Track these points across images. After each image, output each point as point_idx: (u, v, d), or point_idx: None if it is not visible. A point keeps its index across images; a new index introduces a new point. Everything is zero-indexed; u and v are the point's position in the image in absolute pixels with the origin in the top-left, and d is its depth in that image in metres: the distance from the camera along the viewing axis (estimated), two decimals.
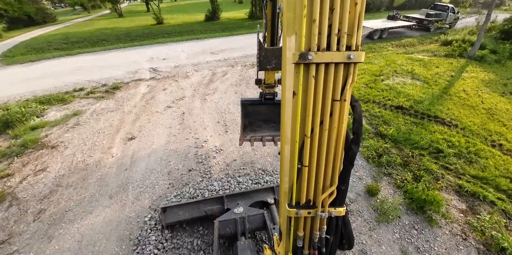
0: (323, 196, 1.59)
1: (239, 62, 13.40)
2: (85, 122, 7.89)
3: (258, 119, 4.09)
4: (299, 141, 1.48)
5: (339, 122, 1.44)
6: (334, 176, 1.58)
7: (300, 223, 1.71)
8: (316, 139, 1.46)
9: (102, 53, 15.83)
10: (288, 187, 1.65)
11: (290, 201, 1.67)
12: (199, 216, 4.07)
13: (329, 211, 1.63)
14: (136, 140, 6.79)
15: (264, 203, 4.24)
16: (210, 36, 19.25)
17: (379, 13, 28.77)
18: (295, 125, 1.44)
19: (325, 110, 1.40)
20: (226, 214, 3.78)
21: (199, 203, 4.18)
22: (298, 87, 1.35)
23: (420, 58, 13.56)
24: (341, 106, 1.39)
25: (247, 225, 3.56)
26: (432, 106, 8.27)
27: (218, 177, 5.43)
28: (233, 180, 5.28)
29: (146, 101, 9.14)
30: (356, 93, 8.98)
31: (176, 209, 4.11)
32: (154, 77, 11.64)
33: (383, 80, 10.17)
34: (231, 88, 10.23)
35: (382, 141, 6.51)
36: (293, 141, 1.49)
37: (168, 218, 4.06)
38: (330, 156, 1.51)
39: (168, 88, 10.32)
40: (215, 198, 4.21)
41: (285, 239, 1.87)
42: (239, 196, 4.27)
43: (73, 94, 10.11)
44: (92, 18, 33.16)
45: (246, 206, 3.91)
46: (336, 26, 1.25)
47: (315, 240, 1.75)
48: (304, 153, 1.50)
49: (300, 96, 1.37)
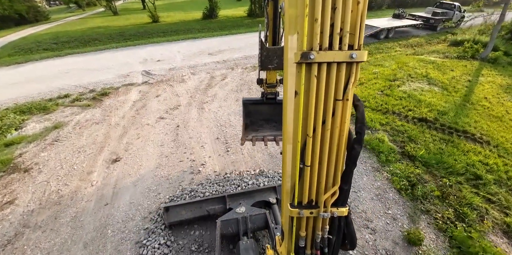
0: (325, 196, 1.53)
1: (239, 64, 12.22)
2: (65, 138, 6.73)
3: (259, 118, 3.99)
4: (301, 141, 1.41)
5: (342, 122, 1.37)
6: (336, 176, 1.51)
7: (302, 223, 1.65)
8: (318, 139, 1.39)
9: (93, 54, 14.52)
10: (290, 187, 1.60)
11: (292, 201, 1.62)
12: (202, 215, 3.97)
13: (331, 211, 1.56)
14: (121, 162, 5.65)
15: (266, 202, 4.12)
16: (208, 35, 17.96)
17: (381, 11, 27.53)
18: (297, 124, 1.39)
19: (327, 110, 1.34)
20: (228, 213, 3.66)
21: (201, 202, 4.09)
22: (300, 86, 1.31)
23: (432, 60, 12.46)
24: (343, 105, 1.33)
25: (249, 225, 3.47)
26: (457, 118, 7.21)
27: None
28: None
29: (137, 111, 7.97)
30: (373, 101, 7.89)
31: (179, 209, 4.02)
32: (147, 81, 10.44)
33: (399, 86, 9.07)
34: (231, 94, 9.08)
35: (412, 165, 5.44)
36: (295, 140, 1.43)
37: (170, 217, 3.95)
38: (332, 156, 1.45)
39: (162, 95, 9.15)
40: (217, 198, 4.13)
41: (287, 239, 1.81)
42: (241, 195, 4.17)
43: (57, 101, 8.91)
44: (86, 16, 31.51)
45: (248, 206, 3.79)
46: (338, 25, 1.19)
47: (318, 240, 1.69)
48: (306, 153, 1.42)
49: (302, 96, 1.32)
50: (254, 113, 3.92)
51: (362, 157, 5.63)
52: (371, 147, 5.84)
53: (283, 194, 1.72)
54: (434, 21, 18.18)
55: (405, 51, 14.37)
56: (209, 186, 4.89)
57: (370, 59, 12.68)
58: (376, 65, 11.41)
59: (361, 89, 8.83)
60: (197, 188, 4.87)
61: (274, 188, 4.29)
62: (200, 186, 4.93)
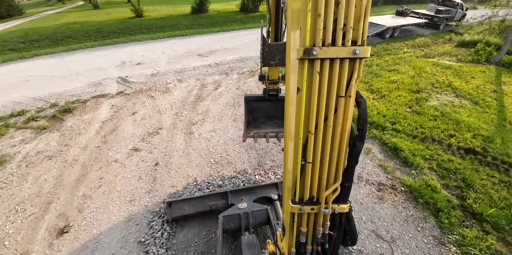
0: (326, 193, 1.47)
1: (235, 68, 10.18)
2: (4, 183, 4.67)
3: (261, 115, 3.77)
4: (303, 138, 1.36)
5: (344, 119, 1.30)
6: (338, 173, 1.44)
7: (304, 219, 1.58)
8: (320, 136, 1.34)
9: (64, 55, 12.06)
10: (291, 184, 1.53)
11: (293, 197, 1.55)
12: (204, 210, 3.72)
13: (332, 207, 1.50)
14: (70, 235, 3.68)
15: (268, 198, 3.88)
16: (198, 32, 15.62)
17: (377, 7, 25.62)
18: (299, 121, 1.33)
19: (329, 107, 1.28)
20: (230, 209, 3.47)
21: (203, 198, 3.85)
22: (303, 83, 1.24)
23: (447, 64, 10.81)
24: (346, 102, 1.26)
25: (251, 220, 3.30)
26: (506, 146, 5.57)
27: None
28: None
29: (104, 137, 5.92)
30: (405, 123, 6.11)
31: (181, 204, 3.76)
32: (122, 91, 8.30)
33: (426, 99, 7.35)
34: (227, 110, 7.13)
35: (480, 228, 3.77)
36: (297, 137, 1.38)
37: (173, 212, 3.68)
38: (334, 153, 1.38)
39: (140, 111, 7.09)
40: (220, 194, 3.90)
41: (288, 234, 1.73)
42: (243, 191, 3.94)
43: (7, 122, 6.72)
44: (64, 10, 28.01)
45: (250, 202, 3.61)
46: (341, 21, 1.12)
47: (318, 236, 1.61)
48: (308, 150, 1.37)
49: (304, 92, 1.26)
50: (256, 110, 3.73)
51: (416, 219, 3.92)
52: (424, 200, 4.12)
53: (285, 190, 1.65)
54: (437, 19, 16.49)
55: (414, 52, 12.67)
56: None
57: (380, 62, 10.91)
58: (391, 70, 9.63)
59: (385, 104, 7.05)
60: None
61: (276, 184, 4.09)
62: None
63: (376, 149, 5.46)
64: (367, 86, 8.35)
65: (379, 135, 5.84)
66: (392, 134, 5.79)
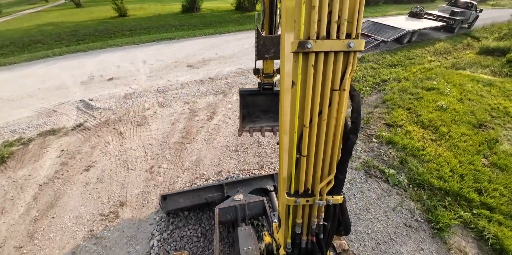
0: (321, 185, 1.41)
1: (234, 85, 7.69)
2: None
3: (256, 109, 3.55)
4: (298, 131, 1.30)
5: (338, 112, 1.23)
6: (332, 166, 1.38)
7: (299, 210, 1.53)
8: (314, 129, 1.27)
9: (23, 66, 9.23)
10: (286, 176, 1.47)
11: (289, 190, 1.48)
12: (200, 203, 3.49)
13: (327, 199, 1.44)
14: None
15: (264, 190, 3.68)
16: (188, 35, 12.85)
17: (380, 7, 23.02)
18: (294, 115, 1.25)
19: (324, 100, 1.20)
20: (226, 201, 3.27)
21: (199, 190, 3.58)
22: (297, 76, 1.16)
23: (486, 79, 8.58)
24: (340, 95, 1.19)
25: (247, 212, 3.15)
26: None
27: None
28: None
29: (33, 224, 3.44)
30: (490, 187, 3.81)
31: (176, 197, 3.49)
32: (81, 123, 5.75)
33: (496, 140, 5.06)
34: (228, 158, 4.73)
35: None
36: (292, 131, 1.32)
37: (168, 205, 3.42)
38: (328, 146, 1.32)
39: (97, 164, 4.60)
40: (215, 186, 3.63)
41: (284, 226, 1.69)
42: (239, 183, 3.68)
43: None
44: (44, 9, 24.36)
45: (246, 193, 3.38)
46: (336, 13, 1.04)
47: (313, 227, 1.57)
48: (302, 143, 1.30)
49: (299, 86, 1.18)
50: (251, 104, 3.46)
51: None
52: None
53: (280, 183, 1.62)
54: (453, 21, 14.19)
55: (439, 61, 10.39)
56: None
57: (408, 75, 8.58)
58: (429, 89, 7.31)
59: (451, 150, 4.62)
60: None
61: (272, 176, 3.81)
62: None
63: (473, 249, 3.16)
64: (412, 115, 5.98)
65: (470, 219, 3.45)
66: (486, 216, 3.50)
